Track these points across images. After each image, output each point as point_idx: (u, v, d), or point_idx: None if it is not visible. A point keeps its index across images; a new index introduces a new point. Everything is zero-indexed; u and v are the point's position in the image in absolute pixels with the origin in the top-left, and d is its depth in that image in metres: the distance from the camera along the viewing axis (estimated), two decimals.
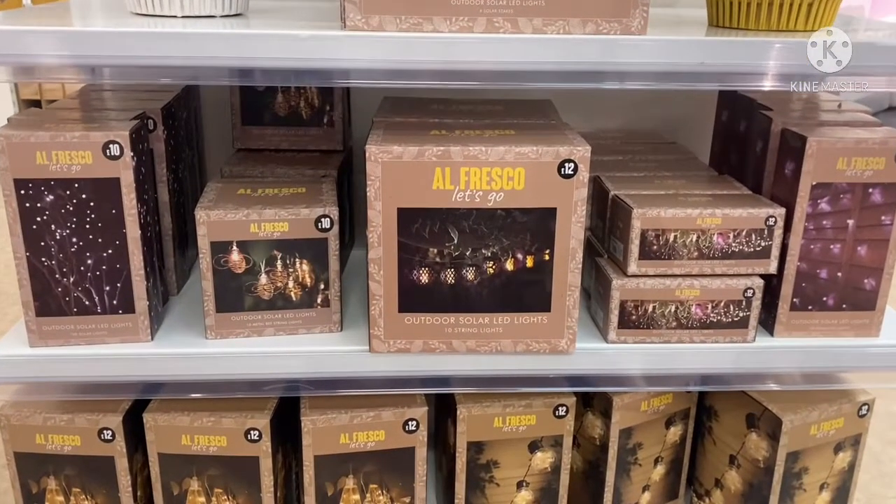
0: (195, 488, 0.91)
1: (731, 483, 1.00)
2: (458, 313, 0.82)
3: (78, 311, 0.81)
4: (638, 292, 0.84)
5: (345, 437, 0.90)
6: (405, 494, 0.94)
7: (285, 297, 0.85)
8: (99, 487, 0.91)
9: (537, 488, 0.97)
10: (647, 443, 0.99)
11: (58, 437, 0.89)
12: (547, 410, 0.94)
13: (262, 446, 0.89)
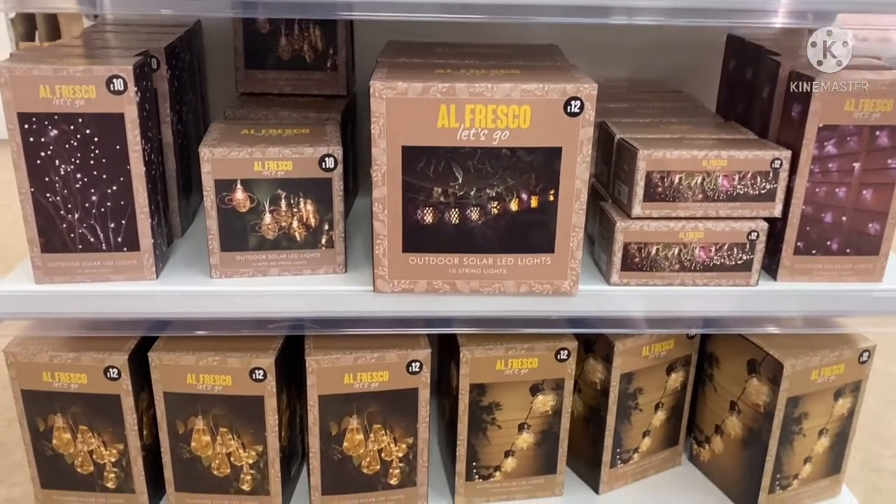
0: (200, 427, 0.92)
1: (732, 429, 1.01)
2: (461, 254, 0.82)
3: (83, 247, 0.82)
4: (642, 234, 0.84)
5: (349, 378, 0.91)
6: (408, 435, 0.95)
7: (289, 238, 0.85)
8: (105, 426, 0.92)
9: (538, 431, 0.98)
10: (647, 388, 1.00)
11: (64, 374, 0.89)
12: (549, 354, 0.94)
13: (266, 386, 0.90)
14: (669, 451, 1.07)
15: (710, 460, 1.06)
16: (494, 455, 0.99)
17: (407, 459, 0.96)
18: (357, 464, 0.95)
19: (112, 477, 0.95)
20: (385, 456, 0.96)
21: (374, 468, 0.96)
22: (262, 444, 0.93)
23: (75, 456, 0.94)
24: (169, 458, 0.94)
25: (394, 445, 0.95)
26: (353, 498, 0.97)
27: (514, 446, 0.99)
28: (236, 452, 0.93)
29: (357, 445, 0.94)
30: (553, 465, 1.00)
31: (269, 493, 0.95)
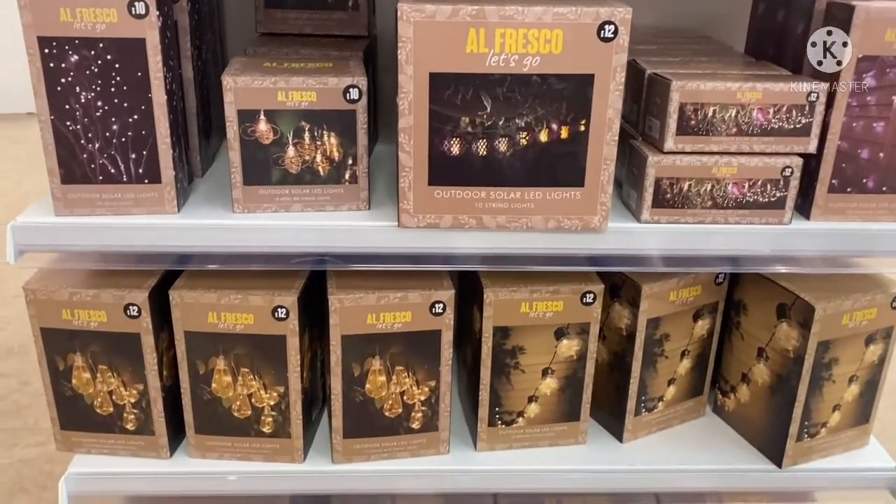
0: (221, 367, 0.91)
1: (759, 376, 0.99)
2: (489, 187, 0.80)
3: (104, 179, 0.80)
4: (674, 169, 0.82)
5: (372, 318, 0.89)
6: (430, 378, 0.94)
7: (313, 172, 0.83)
8: (125, 365, 0.91)
9: (562, 376, 0.97)
10: (674, 335, 0.98)
11: (84, 312, 0.88)
12: (574, 297, 0.93)
13: (289, 324, 0.88)
14: (694, 400, 1.06)
15: (736, 410, 1.04)
16: (517, 400, 0.97)
17: (429, 403, 0.95)
18: (379, 406, 0.94)
19: (132, 418, 0.94)
20: (407, 399, 0.94)
21: (396, 411, 0.95)
22: (283, 386, 0.92)
23: (95, 396, 0.93)
24: (189, 399, 0.93)
25: (416, 388, 0.94)
26: (374, 441, 0.96)
27: (538, 392, 0.97)
28: (257, 394, 0.92)
29: (379, 387, 0.93)
30: (577, 411, 0.99)
31: (290, 436, 0.94)
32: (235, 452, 0.96)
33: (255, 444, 0.95)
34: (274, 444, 0.95)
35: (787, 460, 0.97)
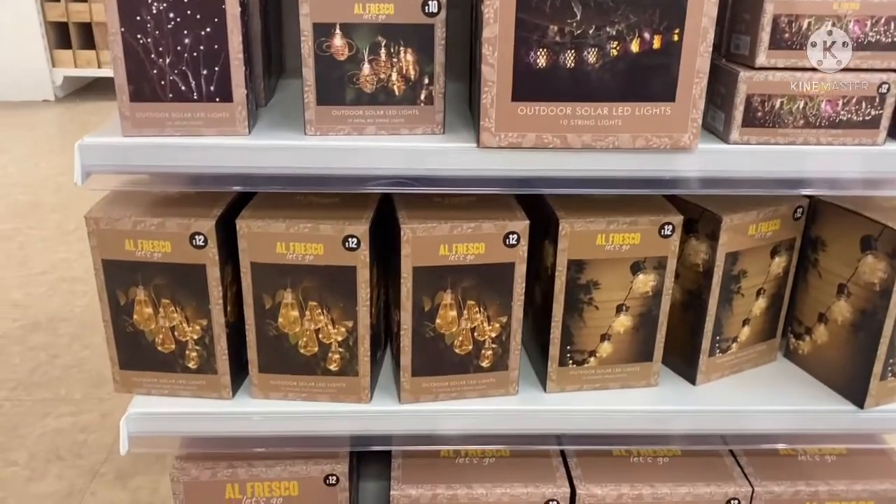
0: (289, 301, 0.88)
1: (839, 314, 0.95)
2: (575, 102, 0.77)
3: (174, 96, 0.77)
4: (766, 86, 0.79)
5: (444, 249, 0.86)
6: (502, 313, 0.91)
7: (388, 92, 0.80)
8: (189, 299, 0.88)
9: (637, 314, 0.93)
10: (751, 271, 0.95)
11: (147, 242, 0.85)
12: (652, 229, 0.89)
13: (359, 255, 0.85)
14: (767, 343, 1.02)
15: (811, 353, 1.01)
16: (590, 339, 0.94)
17: (500, 340, 0.92)
18: (449, 343, 0.91)
19: (194, 356, 0.91)
20: (478, 336, 0.91)
21: (467, 348, 0.92)
22: (352, 320, 0.89)
23: (156, 333, 0.90)
24: (254, 335, 0.90)
25: (487, 325, 0.91)
26: (443, 380, 0.93)
27: (611, 329, 0.94)
28: (325, 329, 0.89)
29: (450, 323, 0.90)
30: (650, 351, 0.96)
31: (357, 374, 0.91)
32: (300, 392, 0.93)
33: (320, 382, 0.92)
34: (340, 382, 0.92)
35: (869, 400, 0.94)
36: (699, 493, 0.97)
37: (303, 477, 0.99)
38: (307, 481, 0.99)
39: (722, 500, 0.98)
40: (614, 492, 0.97)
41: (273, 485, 0.99)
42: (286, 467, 0.99)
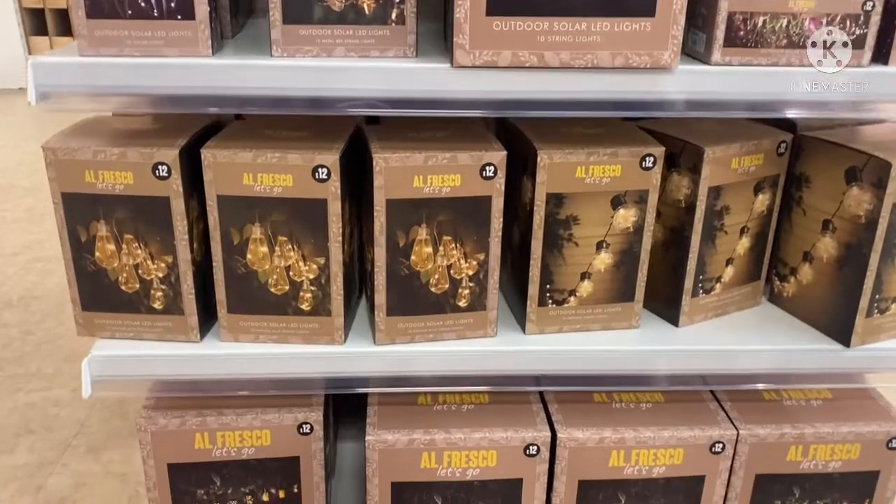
0: (257, 236, 0.85)
1: (824, 251, 0.93)
2: (552, 17, 0.74)
3: (133, 13, 0.74)
4: (747, 3, 0.76)
5: (418, 181, 0.83)
6: (479, 250, 0.88)
7: (357, 10, 0.77)
8: (153, 234, 0.84)
9: (618, 251, 0.91)
10: (734, 208, 0.93)
11: (108, 173, 0.82)
12: (633, 161, 0.87)
13: (330, 187, 0.82)
14: (751, 285, 1.00)
15: (796, 294, 0.99)
16: (570, 277, 0.91)
17: (477, 279, 0.89)
18: (425, 281, 0.88)
19: (159, 296, 0.87)
20: (454, 273, 0.88)
21: (443, 287, 0.89)
22: (324, 257, 0.86)
23: (119, 271, 0.86)
24: (221, 273, 0.86)
25: (464, 262, 0.88)
26: (419, 320, 0.90)
27: (592, 268, 0.91)
28: (296, 266, 0.86)
29: (425, 260, 0.87)
30: (631, 291, 0.93)
31: (330, 314, 0.88)
32: (271, 334, 0.89)
33: (292, 323, 0.89)
34: (313, 323, 0.89)
35: (855, 339, 0.92)
36: (683, 437, 0.95)
37: (275, 426, 0.96)
38: (280, 430, 0.96)
39: (706, 444, 0.96)
40: (596, 435, 0.94)
41: (244, 434, 0.96)
42: (258, 415, 0.95)
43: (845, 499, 1.01)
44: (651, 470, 0.96)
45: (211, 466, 0.97)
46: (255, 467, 0.98)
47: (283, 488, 1.00)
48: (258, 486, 0.99)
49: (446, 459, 0.94)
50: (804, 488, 0.99)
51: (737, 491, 0.99)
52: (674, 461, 0.96)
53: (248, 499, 1.00)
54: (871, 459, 0.98)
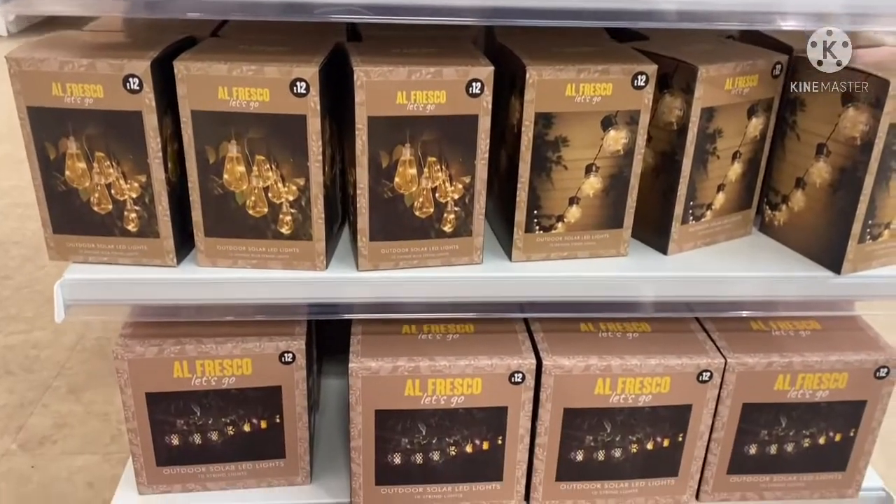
0: (234, 155, 0.82)
1: (818, 176, 0.91)
2: None
3: None
4: None
5: (401, 97, 0.80)
6: (465, 173, 0.85)
7: None
8: (125, 152, 0.81)
9: (607, 175, 0.88)
10: (727, 131, 0.90)
11: (77, 86, 0.78)
12: (625, 79, 0.84)
13: (309, 102, 0.79)
14: (742, 214, 0.98)
15: (787, 222, 0.97)
16: (558, 202, 0.89)
17: (463, 203, 0.87)
18: (409, 205, 0.85)
19: (133, 218, 0.84)
20: (440, 197, 0.86)
21: (428, 211, 0.86)
22: (303, 177, 0.83)
23: (91, 191, 0.83)
24: (198, 194, 0.83)
25: (449, 185, 0.85)
26: (403, 245, 0.87)
27: (580, 192, 0.89)
28: (274, 186, 0.83)
29: (409, 182, 0.84)
30: (620, 217, 0.91)
31: (311, 238, 0.86)
32: (250, 258, 0.87)
33: (272, 247, 0.86)
34: (293, 247, 0.86)
35: (846, 265, 0.90)
36: (670, 365, 0.94)
37: (256, 354, 0.94)
38: (261, 359, 0.94)
39: (694, 372, 0.95)
40: (582, 363, 0.93)
41: (224, 363, 0.94)
42: (238, 344, 0.93)
43: (831, 428, 1.01)
44: (637, 398, 0.95)
45: (191, 396, 0.95)
46: (236, 397, 0.96)
47: (264, 418, 0.98)
48: (239, 417, 0.98)
49: (431, 387, 0.93)
50: (791, 417, 0.99)
51: (723, 420, 0.98)
52: (660, 390, 0.95)
53: (230, 429, 0.98)
54: (858, 389, 0.98)
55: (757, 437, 1.00)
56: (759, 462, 1.02)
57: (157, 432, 0.97)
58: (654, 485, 1.01)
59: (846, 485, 1.05)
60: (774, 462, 1.02)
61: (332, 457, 1.09)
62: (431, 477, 0.98)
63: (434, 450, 0.97)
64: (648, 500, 1.02)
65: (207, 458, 1.00)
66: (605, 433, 0.97)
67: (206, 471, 1.00)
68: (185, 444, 0.98)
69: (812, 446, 1.01)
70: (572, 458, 0.98)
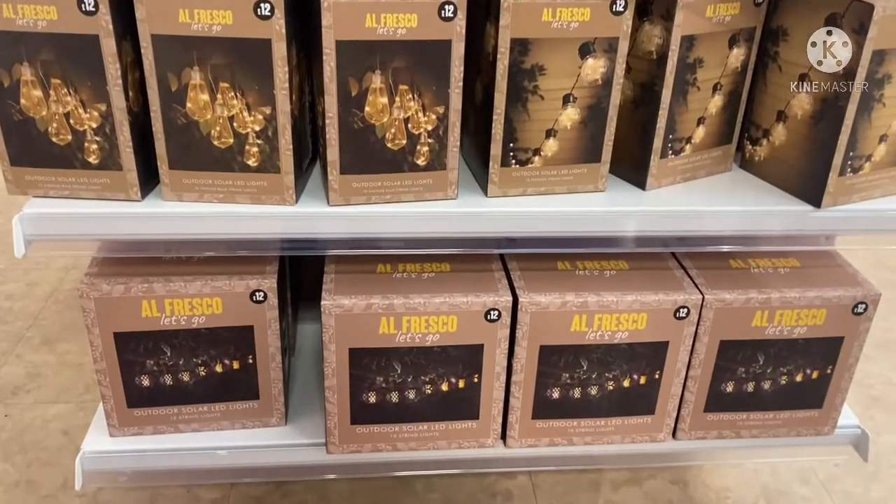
0: (197, 81, 0.78)
1: (799, 107, 0.89)
2: None
3: None
4: None
5: (371, 20, 0.77)
6: (439, 102, 0.82)
7: None
8: (83, 79, 0.78)
9: (585, 105, 0.86)
10: (708, 61, 0.88)
11: (29, 7, 0.74)
12: (603, 4, 0.81)
13: (273, 25, 0.75)
14: (722, 149, 0.96)
15: (767, 157, 0.95)
16: (535, 134, 0.87)
17: (436, 135, 0.84)
18: (381, 136, 0.83)
19: (94, 149, 0.81)
20: (412, 128, 0.83)
21: (400, 143, 0.84)
22: (269, 106, 0.80)
23: (49, 121, 0.80)
24: (160, 124, 0.80)
25: (422, 115, 0.83)
26: (375, 179, 0.85)
27: (558, 124, 0.87)
28: (239, 116, 0.80)
29: (381, 111, 0.82)
30: (598, 150, 0.89)
31: (279, 171, 0.83)
32: (217, 192, 0.84)
33: (238, 181, 0.83)
34: (260, 180, 0.83)
35: (826, 199, 0.89)
36: (647, 301, 0.93)
37: (226, 292, 0.92)
38: (231, 297, 0.92)
39: (671, 308, 0.94)
40: (558, 300, 0.92)
41: (194, 301, 0.92)
42: (208, 282, 0.91)
43: (809, 365, 1.00)
44: (614, 335, 0.94)
45: (160, 336, 0.93)
46: (206, 337, 0.94)
47: (237, 359, 0.97)
48: (211, 357, 0.96)
49: (405, 325, 0.91)
50: (768, 354, 0.99)
51: (700, 357, 0.98)
52: (637, 326, 0.94)
53: (201, 369, 0.96)
54: (836, 325, 0.97)
55: (734, 375, 1.00)
56: (735, 400, 1.02)
57: (126, 373, 0.95)
58: (631, 423, 1.01)
59: (822, 422, 1.05)
60: (751, 400, 1.02)
61: (308, 400, 1.08)
62: (407, 416, 0.98)
63: (409, 388, 0.96)
64: (625, 437, 1.02)
65: (179, 400, 0.98)
66: (581, 370, 0.96)
67: (179, 412, 0.99)
68: (156, 385, 0.96)
69: (789, 384, 1.01)
70: (548, 396, 0.97)
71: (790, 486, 1.31)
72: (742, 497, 1.29)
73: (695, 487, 1.30)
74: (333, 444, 0.99)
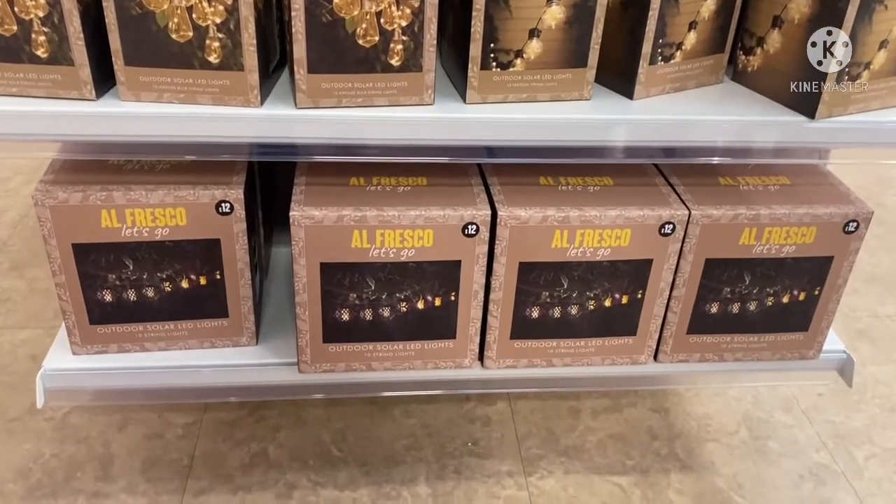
0: None
1: (797, 11, 0.84)
2: None
3: None
4: None
5: None
6: None
7: None
8: None
9: (571, 3, 0.81)
10: None
11: None
12: None
13: None
14: (714, 58, 0.92)
15: (761, 66, 0.90)
16: (517, 34, 0.81)
17: (411, 32, 0.79)
18: (351, 31, 0.77)
19: (42, 41, 0.75)
20: (385, 24, 0.78)
21: (372, 39, 0.78)
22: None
23: None
24: (113, 14, 0.75)
25: (395, 9, 0.77)
26: (346, 79, 0.80)
27: (541, 23, 0.81)
28: (198, 6, 0.74)
29: (350, 3, 0.76)
30: (584, 54, 0.84)
31: (242, 68, 0.78)
32: (177, 91, 0.79)
33: (200, 79, 0.78)
34: (223, 79, 0.78)
35: (821, 109, 0.85)
36: (631, 216, 0.89)
37: (191, 203, 0.87)
38: (196, 208, 0.88)
39: (656, 224, 0.90)
40: (539, 214, 0.88)
41: (157, 212, 0.87)
42: (170, 191, 0.87)
43: (796, 286, 0.97)
44: (596, 252, 0.91)
45: (122, 248, 0.89)
46: (171, 250, 0.90)
47: (203, 274, 0.93)
48: (176, 272, 0.92)
49: (379, 239, 0.87)
50: (755, 274, 0.95)
51: (685, 276, 0.94)
52: (620, 243, 0.91)
53: (166, 285, 0.92)
54: (825, 244, 0.94)
55: (719, 295, 0.97)
56: (720, 321, 0.99)
57: (87, 287, 0.91)
58: (612, 344, 0.98)
59: (808, 345, 1.03)
60: (736, 321, 0.99)
61: (281, 322, 1.05)
62: (381, 334, 0.94)
63: (384, 306, 0.92)
64: (605, 359, 1.00)
65: (144, 317, 0.94)
66: (561, 289, 0.93)
67: (144, 329, 0.95)
68: (119, 300, 0.92)
69: (775, 305, 0.98)
70: (527, 316, 0.94)
71: (772, 414, 1.30)
72: (723, 424, 1.28)
73: (676, 415, 1.28)
74: (305, 363, 0.96)
